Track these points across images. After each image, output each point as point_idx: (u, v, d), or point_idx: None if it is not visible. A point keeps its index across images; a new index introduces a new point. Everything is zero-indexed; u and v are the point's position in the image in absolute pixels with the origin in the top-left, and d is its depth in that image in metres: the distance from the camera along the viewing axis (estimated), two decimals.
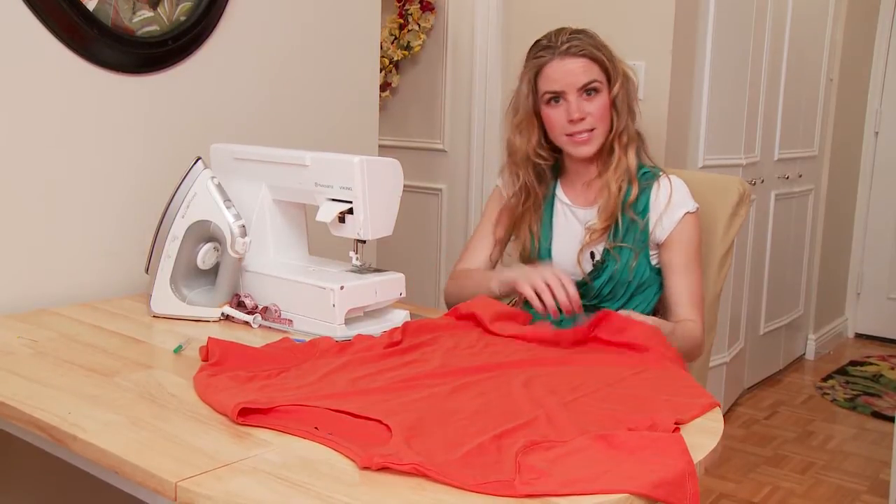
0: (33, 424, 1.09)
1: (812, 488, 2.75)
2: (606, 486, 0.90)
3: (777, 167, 3.60)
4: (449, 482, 0.91)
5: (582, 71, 1.63)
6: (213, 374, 1.21)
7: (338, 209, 1.52)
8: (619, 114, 1.66)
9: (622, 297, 1.67)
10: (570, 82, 1.63)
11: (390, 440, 0.99)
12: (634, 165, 1.67)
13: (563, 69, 1.63)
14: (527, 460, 0.96)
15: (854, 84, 4.24)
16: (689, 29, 2.86)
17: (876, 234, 4.46)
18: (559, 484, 0.91)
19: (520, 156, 1.72)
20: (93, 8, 1.67)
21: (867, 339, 4.52)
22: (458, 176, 3.35)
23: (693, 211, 1.67)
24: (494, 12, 3.17)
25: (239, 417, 1.06)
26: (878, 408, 3.47)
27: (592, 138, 1.66)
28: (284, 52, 2.08)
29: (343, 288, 1.47)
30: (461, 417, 1.08)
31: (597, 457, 0.97)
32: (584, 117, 1.63)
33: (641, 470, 0.94)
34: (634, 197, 1.65)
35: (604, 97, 1.65)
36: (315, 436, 1.02)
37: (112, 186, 1.77)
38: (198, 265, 1.58)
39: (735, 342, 3.40)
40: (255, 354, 1.31)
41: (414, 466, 0.92)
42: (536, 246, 1.73)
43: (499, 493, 0.89)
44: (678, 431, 1.06)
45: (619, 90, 1.65)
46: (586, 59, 1.63)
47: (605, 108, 1.65)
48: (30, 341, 1.40)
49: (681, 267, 1.66)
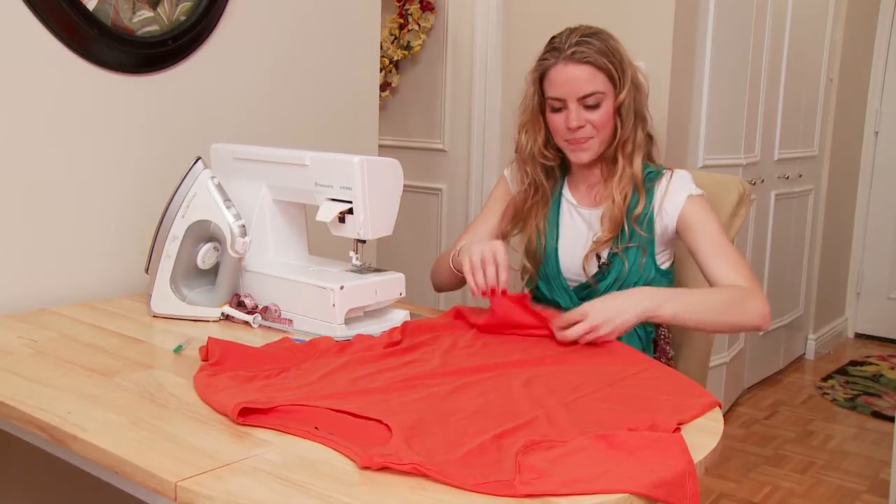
0: (33, 424, 1.09)
1: (812, 488, 2.75)
2: (606, 486, 0.90)
3: (777, 167, 3.60)
4: (449, 482, 0.91)
5: (585, 80, 1.59)
6: (213, 374, 1.21)
7: (338, 209, 1.52)
8: (624, 122, 1.63)
9: None
10: (571, 90, 1.60)
11: (390, 440, 0.99)
12: (640, 174, 1.64)
13: (565, 76, 1.60)
14: (527, 460, 0.96)
15: (854, 84, 4.24)
16: (689, 29, 2.86)
17: (876, 234, 4.46)
18: (559, 484, 0.91)
19: (526, 154, 1.72)
20: (93, 8, 1.67)
21: (867, 339, 4.52)
22: (458, 176, 3.35)
23: (697, 194, 1.62)
24: (494, 12, 3.17)
25: (239, 417, 1.06)
26: (878, 408, 3.47)
27: (590, 146, 1.64)
28: (284, 52, 2.08)
29: (343, 288, 1.47)
30: (461, 417, 1.08)
31: (597, 457, 0.97)
32: (582, 125, 1.61)
33: (641, 470, 0.94)
34: (641, 208, 1.62)
35: (606, 107, 1.61)
36: (315, 436, 1.02)
37: (112, 186, 1.77)
38: (198, 265, 1.58)
39: (735, 342, 3.41)
40: (254, 354, 1.31)
41: (414, 466, 0.92)
42: (542, 243, 1.72)
43: (499, 492, 0.89)
44: (679, 431, 1.06)
45: (626, 98, 1.61)
46: (591, 67, 1.59)
47: (607, 116, 1.62)
48: (30, 341, 1.40)
49: (711, 247, 1.57)
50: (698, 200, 1.62)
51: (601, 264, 1.66)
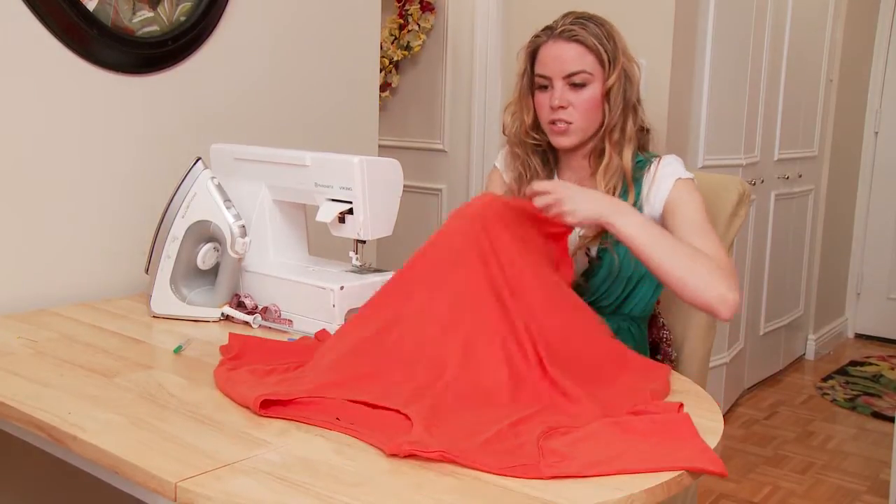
0: (33, 424, 1.09)
1: (812, 488, 2.75)
2: (627, 466, 0.94)
3: (777, 167, 3.60)
4: (476, 467, 0.94)
5: (572, 58, 1.55)
6: (232, 368, 1.23)
7: (338, 209, 1.52)
8: (612, 109, 1.57)
9: (619, 295, 1.62)
10: (558, 68, 1.56)
11: (412, 429, 1.01)
12: (630, 166, 1.58)
13: (553, 53, 1.56)
14: (548, 444, 0.99)
15: (854, 84, 4.24)
16: (689, 29, 2.86)
17: (876, 234, 4.46)
18: (582, 465, 0.94)
19: (512, 135, 1.68)
20: (93, 8, 1.67)
21: (867, 340, 4.52)
22: (458, 176, 3.35)
23: (686, 178, 1.55)
24: (494, 12, 3.17)
25: (261, 409, 1.07)
26: (878, 408, 3.47)
27: (570, 131, 1.58)
28: (284, 53, 2.08)
29: (343, 288, 1.47)
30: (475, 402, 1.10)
31: (612, 440, 1.01)
32: (564, 106, 1.56)
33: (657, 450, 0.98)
34: (630, 201, 1.55)
35: (593, 90, 1.56)
36: (336, 426, 1.04)
37: (112, 186, 1.77)
38: (198, 265, 1.58)
39: (735, 342, 3.40)
40: (273, 348, 1.33)
41: (441, 454, 0.95)
42: None
43: (525, 475, 0.92)
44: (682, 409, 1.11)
45: (615, 83, 1.56)
46: (580, 46, 1.55)
47: (592, 101, 1.56)
48: (30, 341, 1.40)
49: (690, 230, 1.48)
50: (684, 184, 1.56)
51: (591, 260, 1.62)
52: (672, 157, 1.62)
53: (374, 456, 0.98)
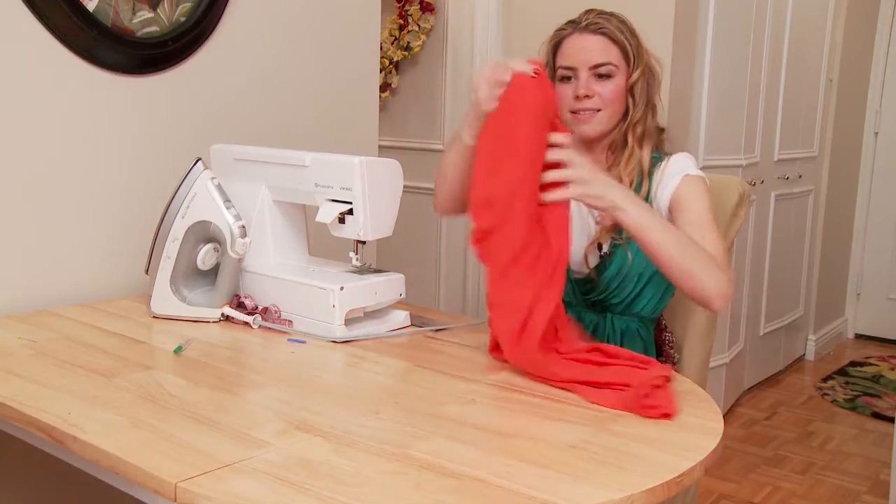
0: (33, 425, 1.09)
1: (812, 489, 2.75)
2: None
3: (777, 168, 3.60)
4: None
5: (598, 49, 1.56)
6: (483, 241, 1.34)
7: (338, 210, 1.52)
8: (636, 103, 1.59)
9: (629, 292, 1.61)
10: (584, 59, 1.57)
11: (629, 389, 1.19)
12: (648, 162, 1.59)
13: (579, 44, 1.57)
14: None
15: (854, 84, 4.24)
16: (689, 29, 2.86)
17: (876, 234, 4.46)
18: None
19: None
20: (93, 9, 1.68)
21: (867, 340, 4.52)
22: None
23: (694, 174, 1.56)
24: (494, 12, 3.17)
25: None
26: (878, 408, 3.48)
27: (596, 119, 1.58)
28: (284, 53, 2.08)
29: (343, 288, 1.47)
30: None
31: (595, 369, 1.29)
32: (590, 95, 1.57)
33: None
34: (643, 196, 1.57)
35: (618, 82, 1.57)
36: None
37: (112, 187, 1.77)
38: (198, 266, 1.58)
39: (735, 343, 3.40)
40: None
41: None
42: None
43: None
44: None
45: (639, 78, 1.58)
46: (606, 39, 1.56)
47: (617, 92, 1.58)
48: (30, 342, 1.40)
49: (691, 224, 1.49)
50: (692, 181, 1.56)
51: (602, 255, 1.61)
52: (684, 154, 1.63)
53: (375, 456, 0.99)
